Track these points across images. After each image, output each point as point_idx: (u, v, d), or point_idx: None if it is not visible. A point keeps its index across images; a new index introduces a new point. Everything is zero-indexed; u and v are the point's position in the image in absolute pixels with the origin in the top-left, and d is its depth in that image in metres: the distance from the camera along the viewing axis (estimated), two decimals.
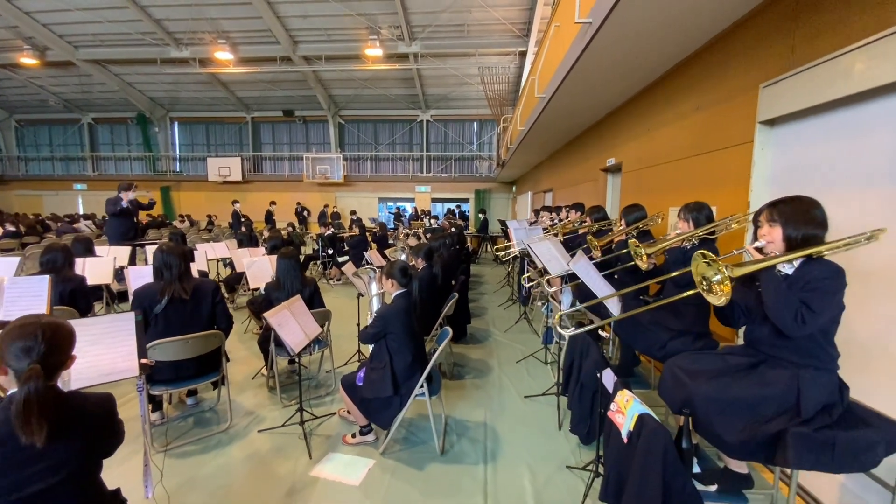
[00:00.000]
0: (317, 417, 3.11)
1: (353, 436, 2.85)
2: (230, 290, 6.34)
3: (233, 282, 6.39)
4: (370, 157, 19.06)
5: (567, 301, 3.35)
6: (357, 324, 3.96)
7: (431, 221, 12.78)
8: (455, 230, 8.38)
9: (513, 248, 5.59)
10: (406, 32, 12.62)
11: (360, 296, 4.05)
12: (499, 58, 13.57)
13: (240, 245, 7.09)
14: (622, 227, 3.63)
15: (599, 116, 6.12)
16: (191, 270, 3.06)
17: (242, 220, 12.04)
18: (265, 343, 3.52)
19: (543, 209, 8.43)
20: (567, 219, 5.65)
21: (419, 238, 8.65)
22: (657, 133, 4.34)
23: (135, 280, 3.66)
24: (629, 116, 5.14)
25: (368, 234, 9.86)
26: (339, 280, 8.54)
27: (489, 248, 13.18)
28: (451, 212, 15.85)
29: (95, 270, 4.42)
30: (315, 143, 19.14)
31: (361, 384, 2.67)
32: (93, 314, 3.77)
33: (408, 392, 2.64)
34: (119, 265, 4.98)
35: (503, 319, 5.83)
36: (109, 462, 1.41)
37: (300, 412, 2.92)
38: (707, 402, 1.72)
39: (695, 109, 3.59)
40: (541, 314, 5.33)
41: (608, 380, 2.14)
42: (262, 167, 19.49)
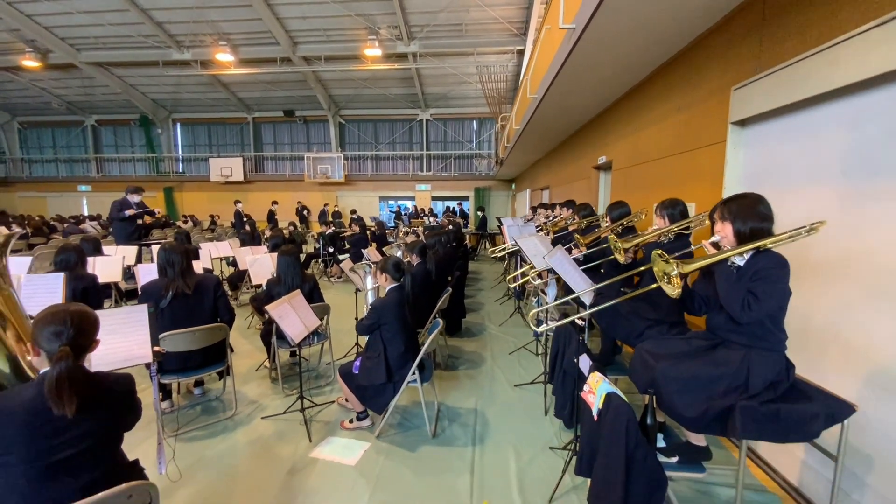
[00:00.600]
0: (316, 405, 3.30)
1: (351, 421, 3.04)
2: (233, 288, 6.53)
3: (236, 280, 6.59)
4: (370, 157, 19.23)
5: (552, 294, 3.52)
6: (355, 318, 4.14)
7: (431, 220, 12.95)
8: (452, 227, 8.54)
9: (507, 246, 5.76)
10: (405, 32, 12.77)
11: (358, 291, 4.23)
12: (497, 56, 13.71)
13: (242, 244, 7.28)
14: (608, 224, 3.79)
15: (591, 116, 6.27)
16: (193, 267, 3.24)
17: (245, 220, 12.23)
18: (267, 336, 3.70)
19: (540, 206, 8.60)
20: (559, 216, 5.81)
21: (418, 236, 8.82)
22: (643, 132, 4.50)
23: (144, 277, 3.86)
24: (618, 116, 5.30)
25: (368, 233, 10.03)
26: (340, 278, 8.72)
27: (488, 246, 13.35)
28: (451, 210, 16.01)
29: (105, 269, 4.62)
30: (316, 143, 19.33)
31: (357, 372, 2.85)
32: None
33: (401, 379, 2.82)
34: (126, 264, 5.17)
35: (498, 314, 6.00)
36: (126, 445, 1.58)
37: (301, 400, 3.11)
38: (668, 382, 1.89)
39: (676, 110, 3.74)
40: (533, 308, 5.49)
41: (584, 364, 2.31)
42: (264, 167, 19.69)
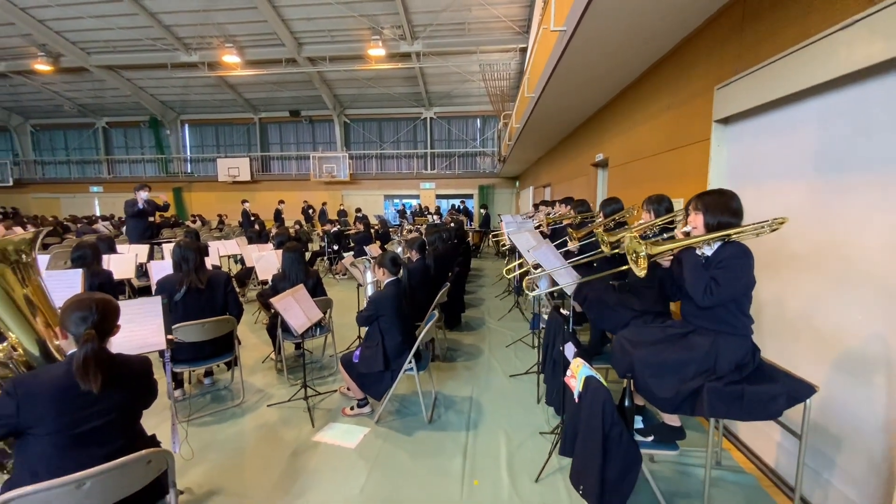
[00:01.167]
0: (319, 394, 3.46)
1: (352, 408, 3.20)
2: (241, 285, 6.73)
3: (243, 277, 6.79)
4: (375, 156, 19.41)
5: (543, 285, 3.66)
6: (357, 312, 4.31)
7: (435, 218, 13.10)
8: (454, 225, 8.68)
9: (505, 240, 5.90)
10: (408, 32, 12.90)
11: (360, 286, 4.40)
12: (499, 54, 13.80)
13: (250, 242, 7.49)
14: (601, 220, 3.92)
15: (587, 114, 6.38)
16: (205, 264, 3.42)
17: (253, 219, 12.47)
18: (273, 329, 3.87)
19: (542, 204, 8.71)
20: (558, 213, 5.93)
21: (421, 234, 8.97)
22: (636, 130, 4.61)
23: (157, 273, 4.05)
24: (613, 114, 5.40)
25: (372, 231, 10.20)
26: (345, 275, 8.90)
27: (491, 243, 13.47)
28: (455, 208, 16.15)
29: (119, 266, 4.82)
30: (321, 143, 19.56)
31: (357, 361, 3.01)
32: None
33: (398, 368, 2.97)
34: (139, 262, 5.39)
35: (498, 309, 6.14)
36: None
37: (304, 388, 3.28)
38: (644, 366, 2.02)
39: (666, 108, 3.85)
40: (532, 303, 5.62)
41: (569, 351, 2.45)
42: (271, 167, 19.97)
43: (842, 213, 2.09)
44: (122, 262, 4.94)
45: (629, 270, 3.01)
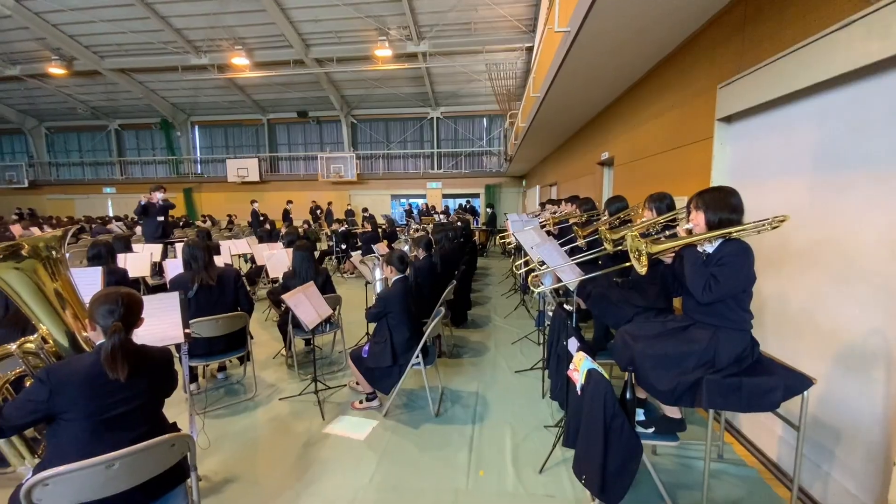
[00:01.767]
0: (329, 388, 3.56)
1: (361, 402, 3.28)
2: (251, 283, 6.86)
3: (253, 275, 6.92)
4: (382, 156, 19.53)
5: (548, 281, 3.71)
6: (366, 309, 4.39)
7: (442, 217, 13.18)
8: (460, 224, 8.75)
9: (511, 239, 5.95)
10: (414, 32, 12.99)
11: (368, 284, 4.48)
12: (506, 54, 13.82)
13: (260, 241, 7.62)
14: (605, 218, 3.96)
15: (593, 114, 6.41)
16: (214, 261, 3.53)
17: (262, 219, 12.64)
18: (284, 326, 3.97)
19: (548, 202, 8.74)
20: (563, 211, 5.97)
21: (427, 233, 9.05)
22: (641, 129, 4.64)
23: (172, 271, 4.17)
24: (618, 113, 5.44)
25: (379, 231, 10.31)
26: (353, 274, 9.01)
27: (497, 242, 13.51)
28: (462, 207, 16.21)
29: (134, 264, 4.96)
30: (329, 143, 19.71)
31: (366, 356, 3.10)
32: None
33: (405, 363, 3.05)
34: (154, 260, 5.53)
35: (504, 307, 6.20)
36: None
37: (315, 383, 3.37)
38: (645, 359, 2.07)
39: (670, 107, 3.88)
40: (537, 300, 5.68)
41: (572, 346, 2.51)
42: (279, 167, 20.17)
43: (841, 210, 2.13)
44: (137, 261, 5.08)
45: (632, 267, 3.08)
